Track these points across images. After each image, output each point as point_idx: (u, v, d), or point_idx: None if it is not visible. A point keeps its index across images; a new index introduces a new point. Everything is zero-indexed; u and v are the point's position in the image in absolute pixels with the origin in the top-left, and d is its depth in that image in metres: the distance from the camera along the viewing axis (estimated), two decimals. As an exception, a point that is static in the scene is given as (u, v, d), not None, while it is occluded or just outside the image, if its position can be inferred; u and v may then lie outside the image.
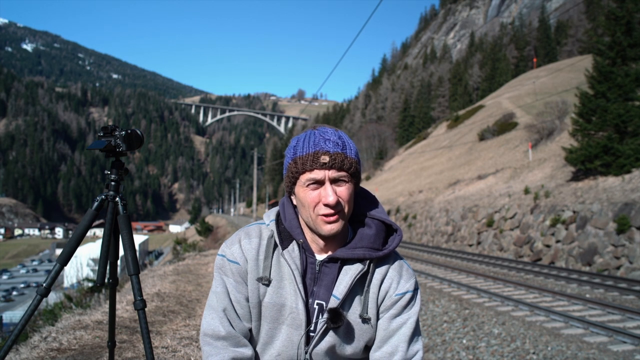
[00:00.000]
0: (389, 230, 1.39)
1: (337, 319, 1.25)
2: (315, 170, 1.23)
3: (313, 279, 1.31)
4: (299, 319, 1.28)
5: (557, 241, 15.85)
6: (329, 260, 1.32)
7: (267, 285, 1.30)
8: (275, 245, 1.33)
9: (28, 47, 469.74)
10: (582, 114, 18.29)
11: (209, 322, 1.31)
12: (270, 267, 1.30)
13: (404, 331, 1.33)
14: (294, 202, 1.34)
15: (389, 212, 31.52)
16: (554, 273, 12.87)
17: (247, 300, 1.32)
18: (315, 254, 1.33)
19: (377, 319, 1.35)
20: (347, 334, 1.30)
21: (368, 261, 1.31)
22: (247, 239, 1.34)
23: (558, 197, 17.89)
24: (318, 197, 1.24)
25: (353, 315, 1.31)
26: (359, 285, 1.32)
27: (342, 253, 1.30)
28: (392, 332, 1.33)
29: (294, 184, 1.28)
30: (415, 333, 1.35)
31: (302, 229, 1.34)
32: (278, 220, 1.37)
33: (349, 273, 1.30)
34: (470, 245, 20.96)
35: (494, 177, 26.29)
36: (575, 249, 14.89)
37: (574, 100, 21.41)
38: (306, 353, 1.29)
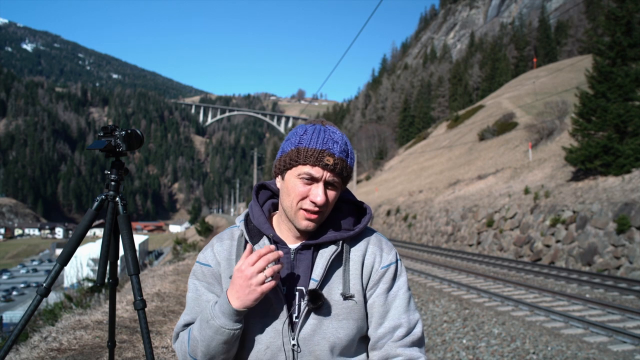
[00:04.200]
0: (359, 210, 1.43)
1: (316, 299, 1.26)
2: (317, 168, 1.25)
3: (289, 268, 1.33)
4: (280, 307, 1.29)
5: (557, 241, 15.85)
6: (303, 247, 1.34)
7: None
8: (246, 243, 1.35)
9: (28, 47, 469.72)
10: (582, 114, 18.30)
11: (176, 325, 1.39)
12: None
13: (399, 303, 1.35)
14: (279, 184, 1.35)
15: (388, 213, 31.53)
16: (554, 273, 12.87)
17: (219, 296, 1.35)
18: (288, 244, 1.35)
19: (365, 296, 1.36)
20: (332, 315, 1.30)
21: (341, 242, 1.34)
22: (219, 242, 1.38)
23: (558, 197, 17.89)
24: (307, 192, 1.26)
25: (335, 295, 1.31)
26: (337, 266, 1.33)
27: (315, 238, 1.34)
28: (389, 306, 1.35)
29: (288, 169, 1.30)
30: (410, 302, 1.38)
31: (270, 223, 1.39)
32: (247, 220, 1.40)
33: (324, 255, 1.32)
34: (470, 245, 20.96)
35: (494, 177, 26.29)
36: (575, 249, 14.89)
37: (574, 100, 21.41)
38: (293, 339, 1.29)
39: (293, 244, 1.35)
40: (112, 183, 2.13)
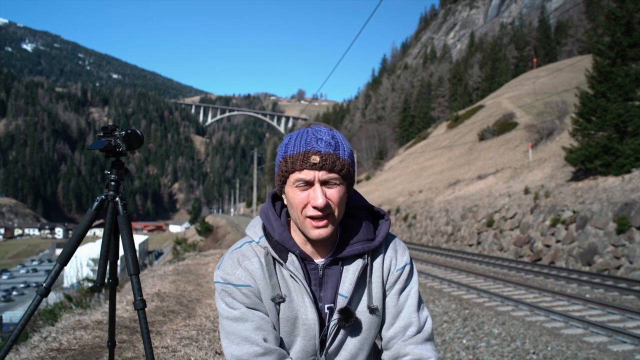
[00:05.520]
0: (374, 215, 1.41)
1: (349, 318, 1.26)
2: (305, 171, 1.20)
3: (318, 285, 1.30)
4: (312, 330, 1.28)
5: (557, 241, 15.85)
6: (331, 262, 1.31)
7: (282, 302, 1.27)
8: (274, 261, 1.30)
9: (28, 47, 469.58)
10: (582, 114, 18.29)
11: (237, 348, 1.23)
12: (278, 283, 1.28)
13: (410, 302, 1.36)
14: (285, 201, 1.30)
15: (388, 212, 31.50)
16: (554, 273, 12.87)
17: (268, 315, 1.28)
18: (313, 258, 1.31)
19: (384, 299, 1.36)
20: (358, 327, 1.31)
21: (366, 255, 1.32)
22: (247, 260, 1.29)
23: (558, 197, 17.88)
24: (307, 199, 1.21)
25: (361, 307, 1.31)
26: (362, 279, 1.32)
27: (342, 252, 1.30)
28: (401, 307, 1.35)
29: (284, 183, 1.26)
30: (420, 301, 1.39)
31: (294, 239, 1.31)
32: (268, 235, 1.33)
33: (351, 270, 1.30)
34: (470, 245, 20.96)
35: (494, 177, 26.28)
36: (575, 249, 14.89)
37: (574, 100, 21.41)
38: (322, 356, 1.30)
39: (316, 259, 1.31)
40: (112, 183, 2.13)
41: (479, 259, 16.80)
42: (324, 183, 1.21)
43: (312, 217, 1.22)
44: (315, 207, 1.20)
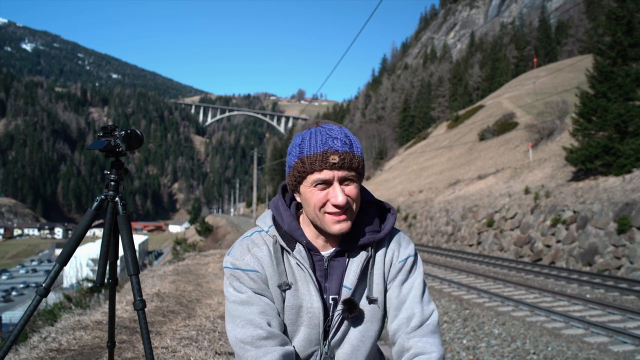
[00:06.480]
0: (381, 209, 1.42)
1: (353, 309, 1.28)
2: (325, 171, 1.22)
3: (323, 276, 1.33)
4: (316, 318, 1.30)
5: (558, 241, 15.84)
6: (337, 254, 1.33)
7: (288, 289, 1.30)
8: (282, 250, 1.33)
9: (27, 46, 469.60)
10: (583, 114, 18.29)
11: (241, 331, 1.26)
12: (285, 271, 1.31)
13: (414, 294, 1.36)
14: (299, 199, 1.33)
15: (389, 212, 31.52)
16: (555, 273, 12.86)
17: (274, 302, 1.31)
18: (320, 251, 1.34)
19: (385, 292, 1.37)
20: (361, 319, 1.33)
21: (370, 247, 1.34)
22: (256, 247, 1.33)
23: (558, 197, 17.88)
24: (325, 197, 1.24)
25: (363, 299, 1.34)
26: (365, 270, 1.34)
27: (348, 244, 1.33)
28: (404, 298, 1.36)
29: (300, 183, 1.27)
30: (425, 293, 1.38)
31: (302, 229, 1.35)
32: (277, 225, 1.36)
33: (355, 262, 1.33)
34: (471, 245, 20.95)
35: (494, 177, 26.28)
36: (576, 249, 14.88)
37: (574, 100, 21.40)
38: (325, 346, 1.32)
39: (324, 251, 1.34)
40: (112, 183, 2.12)
41: (479, 259, 16.79)
42: (342, 181, 1.24)
43: (331, 213, 1.24)
44: (335, 205, 1.23)
